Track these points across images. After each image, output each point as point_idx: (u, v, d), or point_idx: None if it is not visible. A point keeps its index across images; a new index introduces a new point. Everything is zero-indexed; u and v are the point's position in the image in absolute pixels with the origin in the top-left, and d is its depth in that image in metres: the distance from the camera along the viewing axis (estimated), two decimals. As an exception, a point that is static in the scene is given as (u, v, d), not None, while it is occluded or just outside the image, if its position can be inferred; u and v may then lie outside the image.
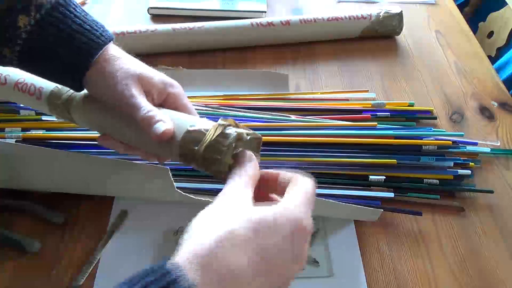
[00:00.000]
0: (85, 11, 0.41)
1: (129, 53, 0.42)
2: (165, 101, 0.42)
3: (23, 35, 0.38)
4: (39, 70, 0.41)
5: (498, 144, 0.61)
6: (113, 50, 0.41)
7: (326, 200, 0.48)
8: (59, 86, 0.46)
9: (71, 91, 0.45)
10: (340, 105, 0.64)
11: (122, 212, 0.51)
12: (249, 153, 0.35)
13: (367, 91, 0.67)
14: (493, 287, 0.47)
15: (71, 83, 0.41)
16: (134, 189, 0.49)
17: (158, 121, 0.38)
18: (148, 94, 0.40)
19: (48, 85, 0.47)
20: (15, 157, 0.48)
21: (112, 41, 0.41)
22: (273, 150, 0.55)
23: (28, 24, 0.38)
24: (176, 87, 0.42)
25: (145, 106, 0.39)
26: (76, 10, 0.40)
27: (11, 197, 0.50)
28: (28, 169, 0.48)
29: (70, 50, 0.39)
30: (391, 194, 0.53)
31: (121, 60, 0.40)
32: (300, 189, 0.31)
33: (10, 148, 0.49)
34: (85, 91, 0.42)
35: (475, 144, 0.60)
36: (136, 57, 0.42)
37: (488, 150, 0.60)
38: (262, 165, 0.54)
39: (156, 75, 0.41)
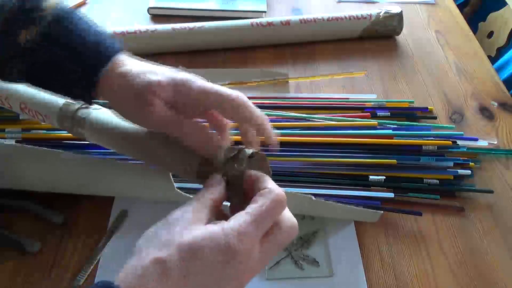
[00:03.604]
0: (89, 23, 0.39)
1: (130, 53, 0.41)
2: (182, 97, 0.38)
3: (26, 51, 0.37)
4: (47, 86, 0.40)
5: (495, 142, 0.62)
6: (121, 61, 0.38)
7: (326, 201, 0.48)
8: (63, 108, 0.47)
9: (78, 112, 0.46)
10: (340, 103, 0.64)
11: (122, 212, 0.51)
12: (218, 177, 0.35)
13: (365, 72, 0.69)
14: (493, 287, 0.47)
15: (80, 98, 0.40)
16: (134, 190, 0.49)
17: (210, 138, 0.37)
18: (167, 102, 0.37)
19: (52, 108, 0.47)
20: (14, 157, 0.48)
21: (119, 52, 0.39)
22: (273, 150, 0.55)
23: (31, 39, 0.36)
24: (192, 81, 0.38)
25: (175, 122, 0.36)
26: (80, 23, 0.38)
27: (11, 197, 0.50)
28: (27, 170, 0.48)
29: (75, 66, 0.37)
30: (391, 195, 0.53)
31: (131, 72, 0.37)
32: (256, 206, 0.30)
33: (9, 149, 0.49)
34: (91, 114, 0.43)
35: (475, 139, 0.60)
36: (139, 58, 0.41)
37: (485, 143, 0.60)
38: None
39: (165, 77, 0.37)
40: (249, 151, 0.37)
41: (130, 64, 0.38)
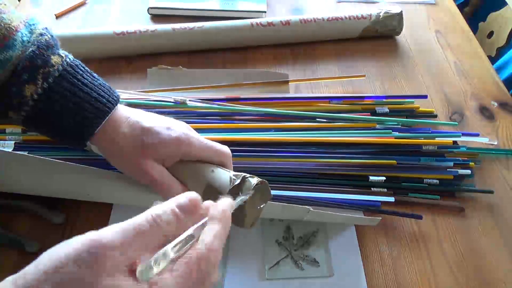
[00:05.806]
0: (92, 75, 0.41)
1: (130, 54, 0.42)
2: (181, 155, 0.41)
3: (30, 102, 0.38)
4: (43, 132, 0.42)
5: (496, 142, 0.62)
6: (119, 114, 0.41)
7: (324, 212, 0.48)
8: None
9: None
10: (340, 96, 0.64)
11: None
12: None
13: (364, 75, 0.69)
14: (493, 287, 0.47)
15: (74, 146, 0.43)
16: (131, 199, 0.48)
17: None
18: (159, 161, 0.41)
19: None
20: (10, 164, 0.47)
21: (117, 105, 0.42)
22: (273, 151, 0.55)
23: (35, 93, 0.38)
24: (187, 143, 0.41)
25: (162, 184, 0.40)
26: (84, 77, 0.40)
27: (11, 197, 0.50)
28: (24, 177, 0.47)
29: (76, 119, 0.40)
30: (392, 199, 0.52)
31: (127, 127, 0.40)
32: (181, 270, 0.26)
33: (5, 156, 0.47)
34: None
35: (476, 135, 0.61)
36: (136, 58, 0.42)
37: (486, 140, 0.61)
38: (261, 166, 0.54)
39: (164, 138, 0.40)
40: (253, 180, 0.37)
41: (127, 121, 0.41)
